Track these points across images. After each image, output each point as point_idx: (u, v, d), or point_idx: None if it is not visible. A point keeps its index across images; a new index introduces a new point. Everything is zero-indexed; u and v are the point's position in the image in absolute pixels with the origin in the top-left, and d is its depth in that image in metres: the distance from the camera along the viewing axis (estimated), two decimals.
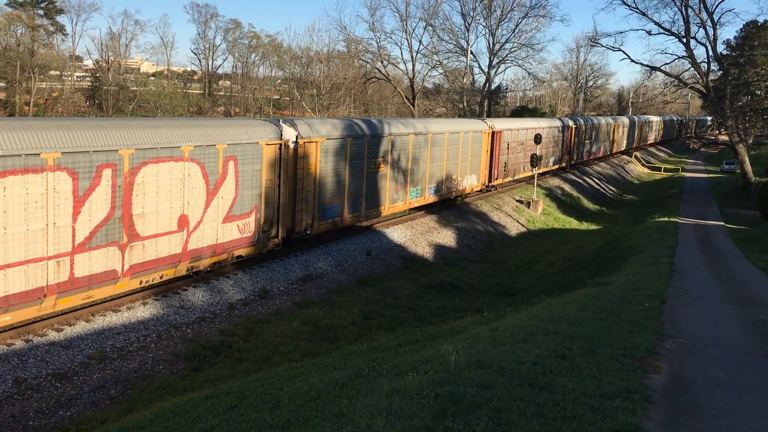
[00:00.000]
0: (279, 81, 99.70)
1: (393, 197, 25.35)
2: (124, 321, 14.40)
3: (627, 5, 48.49)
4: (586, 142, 55.04)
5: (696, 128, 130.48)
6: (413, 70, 69.38)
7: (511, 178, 38.91)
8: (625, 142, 71.00)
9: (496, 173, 35.70)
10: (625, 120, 70.12)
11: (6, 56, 69.68)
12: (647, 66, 53.01)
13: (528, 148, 40.21)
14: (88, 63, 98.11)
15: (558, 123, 47.24)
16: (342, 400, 7.00)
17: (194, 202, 16.04)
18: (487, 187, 35.35)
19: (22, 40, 73.23)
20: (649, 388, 7.16)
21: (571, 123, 49.56)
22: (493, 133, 34.36)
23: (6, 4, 75.12)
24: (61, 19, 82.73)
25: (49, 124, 13.03)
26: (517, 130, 38.27)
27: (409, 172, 26.38)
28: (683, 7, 46.38)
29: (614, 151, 67.26)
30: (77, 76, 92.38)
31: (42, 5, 77.59)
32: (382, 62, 69.63)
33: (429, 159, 27.77)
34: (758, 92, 51.16)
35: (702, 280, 17.55)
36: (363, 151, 22.71)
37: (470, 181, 32.80)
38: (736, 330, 11.25)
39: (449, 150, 29.69)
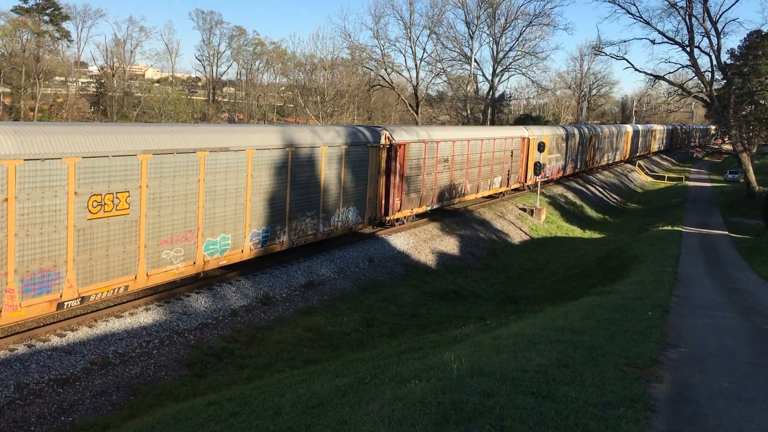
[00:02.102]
0: (283, 88, 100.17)
1: (158, 256, 15.13)
2: (126, 326, 14.41)
3: (631, 14, 48.58)
4: (551, 156, 44.20)
5: (700, 137, 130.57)
6: (417, 77, 69.75)
7: (428, 208, 28.59)
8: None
9: (397, 202, 25.69)
10: (606, 130, 61.15)
11: (11, 62, 70.24)
12: (651, 75, 53.09)
13: (458, 165, 30.71)
14: (93, 69, 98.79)
15: (511, 133, 38.08)
16: (344, 407, 6.99)
17: None
18: (380, 222, 25.38)
19: (27, 45, 73.81)
20: (652, 397, 7.15)
21: (527, 133, 39.92)
22: (390, 146, 24.82)
23: (12, 10, 75.72)
24: (67, 25, 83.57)
25: None
26: (435, 142, 28.16)
27: (201, 212, 16.20)
28: (687, 17, 46.45)
29: (594, 165, 56.91)
30: (82, 82, 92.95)
31: (47, 11, 78.21)
32: (386, 69, 69.97)
33: (251, 189, 17.80)
34: (762, 101, 51.28)
35: (706, 289, 17.51)
36: (64, 181, 12.77)
37: (346, 217, 22.65)
38: (741, 340, 11.22)
39: (301, 173, 19.70)
